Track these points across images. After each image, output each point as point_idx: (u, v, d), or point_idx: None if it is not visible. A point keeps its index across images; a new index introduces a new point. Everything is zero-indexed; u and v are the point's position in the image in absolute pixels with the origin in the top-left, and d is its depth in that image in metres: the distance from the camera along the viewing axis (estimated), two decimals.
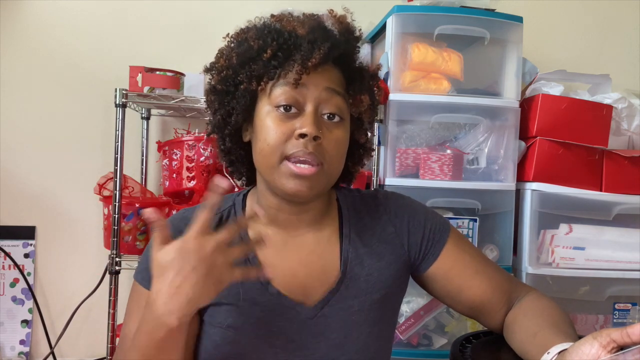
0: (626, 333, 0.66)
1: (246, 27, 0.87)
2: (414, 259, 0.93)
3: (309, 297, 0.86)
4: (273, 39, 0.82)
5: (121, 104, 1.53)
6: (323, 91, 0.82)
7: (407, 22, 1.63)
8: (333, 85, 0.83)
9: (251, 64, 0.82)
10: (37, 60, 1.88)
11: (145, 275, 0.83)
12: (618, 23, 2.10)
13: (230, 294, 0.83)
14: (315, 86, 0.81)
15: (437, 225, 0.94)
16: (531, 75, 1.77)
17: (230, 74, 0.84)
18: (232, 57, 0.83)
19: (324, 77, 0.82)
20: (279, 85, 0.81)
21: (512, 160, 1.65)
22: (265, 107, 0.83)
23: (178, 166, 1.64)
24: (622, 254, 1.63)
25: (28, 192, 1.89)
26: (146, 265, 0.83)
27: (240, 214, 0.89)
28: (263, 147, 0.81)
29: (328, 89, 0.82)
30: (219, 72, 0.85)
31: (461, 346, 0.91)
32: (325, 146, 0.81)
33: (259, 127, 0.83)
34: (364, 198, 0.95)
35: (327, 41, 0.81)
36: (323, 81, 0.82)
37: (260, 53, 0.81)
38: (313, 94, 0.81)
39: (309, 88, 0.81)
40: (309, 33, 0.81)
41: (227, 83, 0.85)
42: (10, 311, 1.87)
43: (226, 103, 0.85)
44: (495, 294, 0.92)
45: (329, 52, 0.81)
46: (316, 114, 0.81)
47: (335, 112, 0.82)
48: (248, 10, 0.88)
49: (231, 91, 0.84)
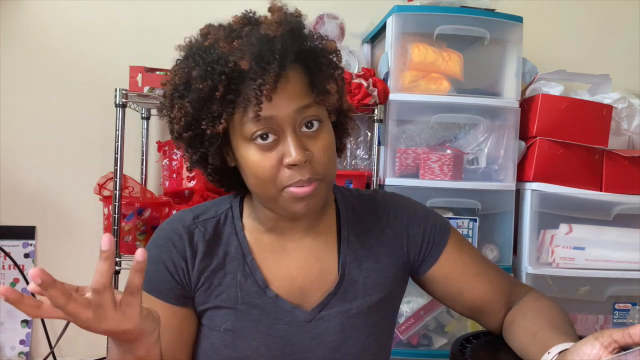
0: (628, 333, 0.66)
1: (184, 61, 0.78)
2: (414, 261, 0.92)
3: (307, 301, 0.86)
4: (220, 73, 0.73)
5: (121, 104, 1.53)
6: (293, 112, 0.75)
7: (407, 22, 1.63)
8: (301, 102, 0.76)
9: (208, 105, 0.75)
10: (37, 60, 1.88)
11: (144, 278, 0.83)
12: (618, 23, 2.10)
13: (229, 298, 0.83)
14: (284, 109, 0.74)
15: (437, 227, 0.93)
16: (531, 75, 1.77)
17: (190, 121, 0.77)
18: (186, 106, 0.76)
19: (288, 94, 0.74)
20: (246, 118, 0.75)
21: (512, 160, 1.65)
22: (241, 141, 0.77)
23: (178, 166, 1.64)
24: (622, 254, 1.63)
25: (28, 192, 1.89)
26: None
27: (237, 217, 0.88)
28: (257, 183, 0.77)
29: (297, 109, 0.75)
30: (177, 121, 0.78)
31: (461, 346, 0.91)
32: (317, 160, 0.77)
33: (243, 163, 0.78)
34: (363, 199, 0.94)
35: (275, 59, 0.72)
36: (289, 102, 0.75)
37: (213, 92, 0.74)
38: (284, 117, 0.74)
39: (277, 112, 0.74)
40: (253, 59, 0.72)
41: (191, 129, 0.78)
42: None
43: (199, 146, 0.79)
44: (495, 295, 0.92)
45: (279, 68, 0.72)
46: (296, 135, 0.75)
47: (313, 119, 0.77)
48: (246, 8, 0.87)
49: (198, 134, 0.78)
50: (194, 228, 0.85)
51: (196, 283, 0.84)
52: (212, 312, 0.84)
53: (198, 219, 0.86)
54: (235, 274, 0.84)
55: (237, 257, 0.85)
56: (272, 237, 0.87)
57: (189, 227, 0.85)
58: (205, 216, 0.87)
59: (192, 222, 0.86)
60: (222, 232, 0.86)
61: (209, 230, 0.86)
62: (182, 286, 0.83)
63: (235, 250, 0.85)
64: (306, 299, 0.86)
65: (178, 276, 0.83)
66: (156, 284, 0.83)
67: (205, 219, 0.87)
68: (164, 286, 0.83)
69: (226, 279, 0.84)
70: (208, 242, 0.85)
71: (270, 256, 0.87)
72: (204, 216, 0.87)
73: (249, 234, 0.87)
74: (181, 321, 0.84)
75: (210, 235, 0.85)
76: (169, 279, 0.83)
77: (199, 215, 0.87)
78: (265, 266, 0.86)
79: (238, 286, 0.83)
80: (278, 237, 0.87)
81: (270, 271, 0.86)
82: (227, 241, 0.86)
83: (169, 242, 0.84)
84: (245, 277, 0.84)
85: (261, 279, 0.84)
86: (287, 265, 0.87)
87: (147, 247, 0.85)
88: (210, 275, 0.84)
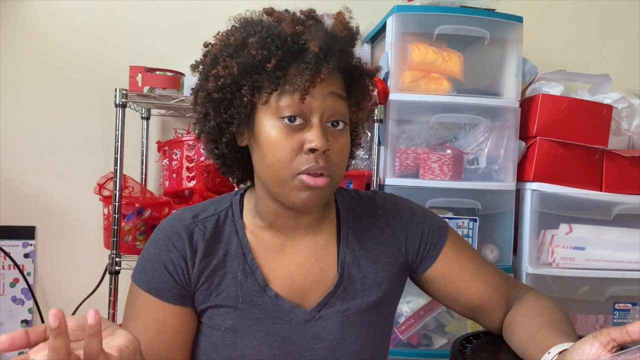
0: (626, 332, 0.66)
1: (243, 28, 0.81)
2: (412, 262, 0.93)
3: (306, 300, 0.86)
4: (277, 48, 0.76)
5: (121, 104, 1.53)
6: (328, 97, 0.78)
7: (407, 22, 1.63)
8: (337, 90, 0.80)
9: (253, 74, 0.78)
10: (37, 60, 1.89)
11: (143, 277, 0.83)
12: (618, 23, 2.10)
13: (229, 297, 0.83)
14: (320, 94, 0.78)
15: (435, 228, 0.93)
16: (531, 75, 1.77)
17: (229, 83, 0.79)
18: (232, 67, 0.78)
19: (330, 88, 0.79)
20: (284, 96, 0.77)
21: (512, 160, 1.65)
22: (268, 118, 0.79)
23: (178, 166, 1.64)
24: (622, 254, 1.63)
25: (28, 192, 1.89)
26: (143, 266, 0.84)
27: (237, 216, 0.88)
28: (273, 162, 0.78)
29: (332, 94, 0.79)
30: (215, 79, 0.80)
31: (461, 346, 0.91)
32: (332, 156, 0.79)
33: (263, 139, 0.79)
34: (362, 200, 0.95)
35: (334, 53, 0.78)
36: (327, 87, 0.79)
37: (263, 63, 0.77)
38: (318, 103, 0.78)
39: (314, 97, 0.78)
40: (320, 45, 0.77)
41: (224, 91, 0.80)
42: (10, 311, 1.87)
43: (222, 111, 0.81)
44: (494, 295, 0.92)
45: (337, 63, 0.79)
46: (323, 125, 0.79)
47: (340, 119, 0.80)
48: (248, 9, 0.87)
49: (229, 99, 0.80)
50: (193, 227, 0.85)
51: (196, 282, 0.83)
52: (212, 311, 0.84)
53: (197, 217, 0.86)
54: (235, 272, 0.84)
55: (237, 256, 0.85)
56: (273, 234, 0.87)
57: (188, 226, 0.85)
58: (204, 214, 0.87)
59: (191, 221, 0.86)
60: (223, 231, 0.86)
61: (208, 229, 0.86)
62: (182, 286, 0.83)
63: (236, 249, 0.85)
64: (306, 298, 0.86)
65: (177, 276, 0.83)
66: (155, 283, 0.82)
67: (205, 217, 0.87)
68: (163, 286, 0.82)
69: (226, 277, 0.84)
70: (208, 241, 0.85)
71: (270, 255, 0.87)
72: (203, 214, 0.87)
73: (249, 233, 0.87)
74: (180, 321, 0.84)
75: (210, 234, 0.85)
76: (168, 279, 0.82)
77: (198, 214, 0.87)
78: (265, 265, 0.86)
79: (238, 285, 0.84)
80: (278, 235, 0.88)
81: (270, 270, 0.86)
82: (228, 240, 0.86)
83: (168, 241, 0.84)
84: (245, 276, 0.84)
85: (261, 278, 0.84)
86: (287, 264, 0.87)
87: (146, 247, 0.86)
88: (210, 275, 0.84)
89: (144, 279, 0.83)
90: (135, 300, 0.84)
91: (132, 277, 0.86)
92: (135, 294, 0.84)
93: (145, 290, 0.82)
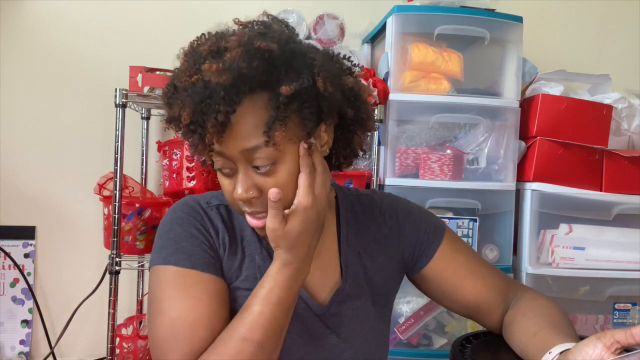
0: (630, 334, 0.66)
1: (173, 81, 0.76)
2: (409, 260, 0.94)
3: (316, 294, 0.86)
4: (180, 106, 0.72)
5: (121, 104, 1.53)
6: (239, 153, 0.73)
7: (407, 22, 1.63)
8: (247, 144, 0.72)
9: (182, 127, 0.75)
10: (37, 60, 1.88)
11: (182, 256, 0.80)
12: (618, 23, 2.10)
13: (248, 280, 0.83)
14: (231, 150, 0.73)
15: (432, 227, 0.95)
16: (531, 75, 1.77)
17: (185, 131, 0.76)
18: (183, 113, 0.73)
19: (234, 136, 0.72)
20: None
21: (512, 160, 1.65)
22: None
23: (178, 166, 1.64)
24: (622, 254, 1.63)
25: (28, 192, 1.89)
26: (177, 246, 0.81)
27: None
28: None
29: (243, 151, 0.73)
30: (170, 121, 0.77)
31: (461, 346, 0.91)
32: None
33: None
34: (361, 198, 0.96)
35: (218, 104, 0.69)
36: (235, 144, 0.72)
37: (180, 119, 0.73)
38: (232, 155, 0.74)
39: (227, 151, 0.74)
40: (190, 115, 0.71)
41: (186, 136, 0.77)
42: (10, 311, 1.87)
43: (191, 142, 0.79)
44: (491, 293, 0.93)
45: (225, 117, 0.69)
46: (245, 173, 0.75)
47: (259, 164, 0.74)
48: (248, 9, 0.87)
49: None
50: (209, 210, 0.85)
51: (222, 257, 0.83)
52: (232, 293, 0.83)
53: (210, 203, 0.86)
54: (253, 256, 0.84)
55: (253, 240, 0.85)
56: None
57: (205, 208, 0.85)
58: (216, 202, 0.87)
59: (206, 205, 0.85)
60: (236, 218, 0.86)
61: (223, 214, 0.85)
62: (218, 257, 0.82)
63: (251, 234, 0.85)
64: (313, 293, 0.86)
65: (213, 248, 0.82)
66: (200, 258, 0.80)
67: (217, 204, 0.86)
68: (207, 259, 0.80)
69: (245, 261, 0.84)
70: (224, 224, 0.84)
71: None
72: (215, 201, 0.87)
73: None
74: (225, 291, 0.82)
75: (226, 219, 0.85)
76: (208, 251, 0.81)
77: (209, 201, 0.87)
78: None
79: (257, 268, 0.83)
80: None
81: None
82: (241, 227, 0.85)
83: (192, 218, 0.83)
84: (263, 260, 0.83)
85: None
86: None
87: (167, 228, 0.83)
88: (230, 256, 0.83)
89: (183, 257, 0.80)
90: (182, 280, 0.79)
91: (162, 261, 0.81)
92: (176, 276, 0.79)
93: (189, 267, 0.79)
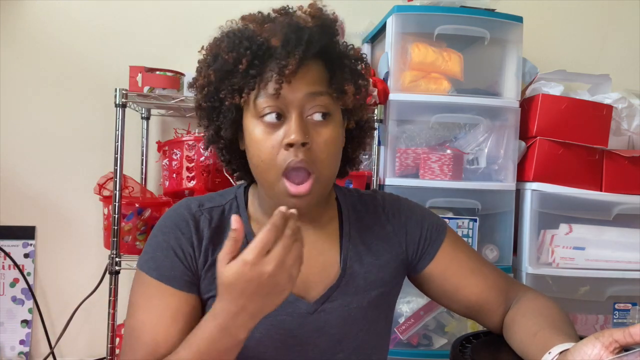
0: (629, 333, 0.66)
1: (218, 38, 0.84)
2: (411, 258, 0.94)
3: (309, 293, 0.86)
4: (246, 48, 0.79)
5: (121, 104, 1.53)
6: (303, 89, 0.79)
7: (407, 22, 1.63)
8: (314, 88, 0.80)
9: (230, 78, 0.80)
10: (37, 60, 1.88)
11: (152, 265, 0.83)
12: (618, 23, 2.10)
13: None
14: (297, 92, 0.78)
15: (434, 226, 0.95)
16: (531, 75, 1.77)
17: (212, 91, 0.82)
18: (210, 74, 0.82)
19: (305, 80, 0.79)
20: (260, 95, 0.79)
21: (512, 160, 1.65)
22: (251, 119, 0.81)
23: (178, 166, 1.64)
24: (622, 254, 1.63)
25: (28, 192, 1.89)
26: (152, 254, 0.84)
27: (242, 207, 0.89)
28: (259, 164, 0.81)
29: (309, 94, 0.79)
30: (200, 90, 0.84)
31: (461, 346, 0.91)
32: (315, 150, 0.79)
33: (248, 140, 0.82)
34: (363, 198, 0.96)
35: (301, 44, 0.77)
36: (303, 86, 0.79)
37: (236, 65, 0.79)
38: (295, 100, 0.78)
39: (290, 94, 0.78)
40: (283, 39, 0.77)
41: (210, 100, 0.83)
42: (10, 311, 1.87)
43: (214, 119, 0.85)
44: (492, 293, 0.93)
45: (304, 54, 0.78)
46: (301, 119, 0.79)
47: (319, 110, 0.80)
48: (248, 9, 0.87)
49: (216, 107, 0.83)
50: (199, 215, 0.86)
51: (202, 270, 0.84)
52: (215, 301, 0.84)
53: (203, 206, 0.87)
54: None
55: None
56: None
57: (194, 214, 0.86)
58: (210, 204, 0.88)
59: (197, 209, 0.87)
60: (228, 221, 0.87)
61: (214, 218, 0.87)
62: (192, 272, 0.83)
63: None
64: (308, 291, 0.86)
65: (187, 262, 0.83)
66: (167, 270, 0.82)
67: (211, 207, 0.88)
68: (174, 273, 0.82)
69: None
70: (213, 229, 0.85)
71: None
72: (209, 204, 0.88)
73: (254, 223, 0.88)
74: (192, 307, 0.83)
75: (216, 223, 0.86)
76: (178, 265, 0.83)
77: (204, 203, 0.88)
78: None
79: None
80: None
81: None
82: None
83: (175, 228, 0.84)
84: None
85: None
86: None
87: (153, 234, 0.86)
88: (214, 263, 0.83)
89: (153, 266, 0.83)
90: (146, 289, 0.83)
91: (139, 266, 0.85)
92: (144, 283, 0.83)
93: (155, 277, 0.82)
